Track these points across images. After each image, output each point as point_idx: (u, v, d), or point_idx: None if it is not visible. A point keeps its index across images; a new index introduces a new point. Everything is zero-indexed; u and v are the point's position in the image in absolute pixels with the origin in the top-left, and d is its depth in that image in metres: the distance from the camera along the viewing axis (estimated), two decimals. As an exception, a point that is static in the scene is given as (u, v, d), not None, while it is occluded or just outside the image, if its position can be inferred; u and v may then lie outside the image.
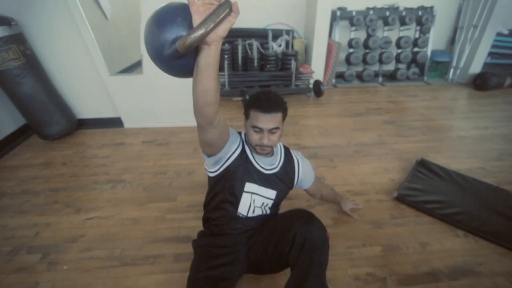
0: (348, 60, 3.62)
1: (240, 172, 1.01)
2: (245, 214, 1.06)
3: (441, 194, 1.67)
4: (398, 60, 3.66)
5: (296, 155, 1.19)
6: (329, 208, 1.59)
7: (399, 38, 3.57)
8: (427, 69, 3.84)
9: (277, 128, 0.97)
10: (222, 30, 0.57)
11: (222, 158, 0.98)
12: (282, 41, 3.25)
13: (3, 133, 2.23)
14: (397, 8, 3.51)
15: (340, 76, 3.78)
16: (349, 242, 1.38)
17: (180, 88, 2.24)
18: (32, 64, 2.16)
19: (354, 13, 3.43)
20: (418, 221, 1.51)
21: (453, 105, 3.09)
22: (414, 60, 3.72)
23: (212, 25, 0.53)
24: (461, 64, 3.76)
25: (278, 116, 0.96)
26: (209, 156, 0.97)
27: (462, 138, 2.37)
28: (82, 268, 1.27)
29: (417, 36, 3.66)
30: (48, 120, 2.27)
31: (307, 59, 3.50)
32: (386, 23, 3.50)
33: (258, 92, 0.99)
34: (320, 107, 3.06)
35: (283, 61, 3.17)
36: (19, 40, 2.08)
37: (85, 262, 1.30)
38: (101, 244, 1.38)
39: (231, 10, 0.54)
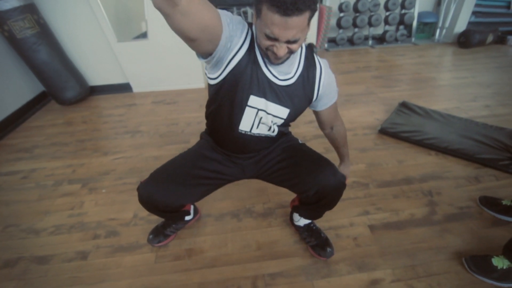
0: (339, 24, 3.78)
1: (246, 79, 0.79)
2: (248, 130, 0.91)
3: (418, 126, 1.93)
4: (386, 22, 3.83)
5: (320, 61, 0.90)
6: (323, 141, 1.84)
7: (387, 0, 3.72)
8: (415, 30, 4.02)
9: (298, 39, 0.69)
10: None
11: (222, 60, 0.76)
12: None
13: (23, 99, 2.44)
14: (384, -29, 3.64)
15: (332, 41, 3.95)
16: (338, 162, 1.64)
17: (183, 51, 2.43)
18: (46, 33, 2.34)
19: (343, -23, 3.57)
20: (397, 147, 1.78)
21: (437, 61, 3.30)
22: (402, 22, 3.89)
23: None
24: (447, 24, 3.93)
25: (302, 19, 0.64)
26: (204, 58, 0.76)
27: (442, 86, 2.61)
28: (118, 190, 1.53)
29: (404, -3, 3.81)
30: (64, 86, 2.48)
31: (299, 25, 3.66)
32: (374, -15, 3.64)
33: None
34: (313, 68, 3.27)
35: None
36: (32, 10, 2.25)
37: (119, 186, 1.56)
38: (130, 175, 1.64)
39: None
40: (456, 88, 2.56)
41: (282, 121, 0.91)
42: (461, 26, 3.85)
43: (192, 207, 1.23)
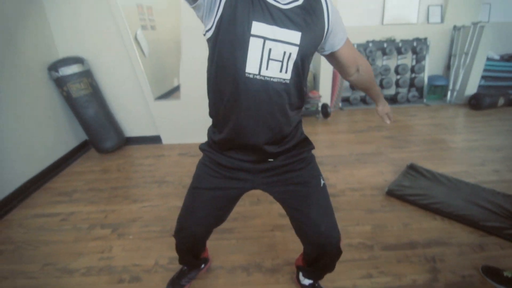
0: (351, 86, 4.10)
1: (245, 7, 0.72)
2: (256, 72, 0.76)
3: (425, 189, 2.02)
4: (397, 85, 4.10)
5: None
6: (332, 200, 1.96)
7: (397, 66, 4.04)
8: (426, 92, 4.24)
9: None
10: None
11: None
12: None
13: (69, 146, 2.80)
14: (393, 41, 4.02)
15: (346, 100, 4.25)
16: (345, 222, 1.75)
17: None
18: (96, 92, 2.77)
19: (355, 46, 3.96)
20: (404, 209, 1.87)
21: (448, 123, 3.44)
22: (412, 85, 4.15)
23: None
24: (457, 87, 4.14)
25: None
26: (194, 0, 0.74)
27: (452, 148, 2.72)
28: (143, 237, 1.71)
29: (413, 63, 4.11)
30: (104, 137, 2.84)
31: (315, 86, 4.01)
32: (384, 53, 3.99)
33: None
34: (327, 126, 3.50)
35: (294, 87, 3.68)
36: (88, 74, 2.71)
37: (144, 233, 1.74)
38: (155, 223, 1.83)
39: None
40: (466, 151, 2.65)
41: (296, 49, 0.77)
42: (471, 89, 4.04)
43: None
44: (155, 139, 3.10)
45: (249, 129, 0.85)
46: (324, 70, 3.78)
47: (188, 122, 2.94)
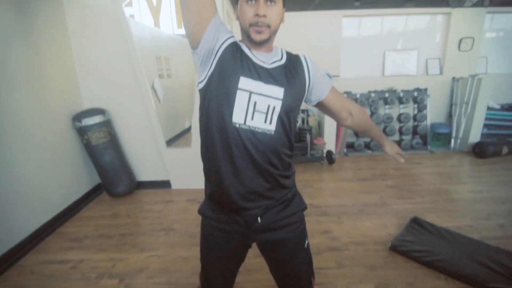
0: (355, 133, 4.24)
1: (235, 65, 0.84)
2: (241, 122, 0.84)
3: (429, 245, 2.03)
4: (401, 132, 4.23)
5: (298, 53, 0.99)
6: (335, 254, 1.99)
7: (400, 115, 4.19)
8: (430, 139, 4.34)
9: (274, 1, 0.83)
10: None
11: (211, 51, 0.85)
12: (298, 118, 3.99)
13: (83, 190, 2.94)
14: (395, 91, 4.23)
15: (350, 146, 4.36)
16: (348, 280, 1.76)
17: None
18: (113, 139, 2.96)
19: (358, 96, 4.18)
20: (407, 266, 1.87)
21: (452, 172, 3.48)
22: (415, 132, 4.26)
23: None
24: (460, 135, 4.23)
25: None
26: (195, 48, 0.85)
27: (456, 200, 2.74)
28: (149, 290, 1.75)
29: (415, 112, 4.27)
30: (117, 182, 2.98)
31: (320, 132, 4.17)
32: (386, 102, 4.18)
33: None
34: (332, 173, 3.58)
35: (300, 134, 3.84)
36: (107, 124, 2.93)
37: (149, 285, 1.78)
38: (161, 274, 1.87)
39: None
40: (470, 203, 2.66)
41: (279, 103, 0.86)
42: (474, 136, 4.12)
43: None
44: (165, 184, 3.22)
45: (237, 176, 0.88)
46: (328, 117, 3.96)
47: (198, 168, 3.06)
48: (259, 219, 0.94)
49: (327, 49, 4.32)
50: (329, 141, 3.96)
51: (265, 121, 0.86)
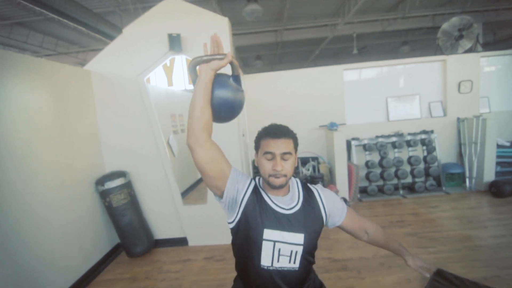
0: (367, 178, 4.26)
1: (257, 217, 0.98)
2: (269, 265, 0.99)
3: (457, 302, 1.95)
4: (413, 175, 4.23)
5: (314, 186, 1.12)
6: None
7: (409, 157, 4.24)
8: (444, 180, 4.31)
9: (290, 153, 0.97)
10: (213, 64, 0.90)
11: (235, 201, 0.99)
12: (309, 166, 4.08)
13: (103, 252, 2.99)
14: (401, 134, 4.33)
15: (364, 191, 4.36)
16: None
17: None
18: (132, 200, 3.08)
19: (366, 141, 4.29)
20: (438, 328, 1.79)
21: (471, 215, 3.40)
22: (428, 174, 4.26)
23: (207, 58, 0.91)
24: (474, 174, 4.20)
25: (289, 141, 0.99)
26: (220, 197, 1.00)
27: (479, 247, 2.66)
28: None
29: (425, 154, 4.31)
30: (136, 242, 3.03)
31: (332, 180, 4.21)
32: (394, 146, 4.26)
33: (266, 126, 1.04)
34: (348, 220, 3.54)
35: (312, 183, 3.90)
36: (128, 186, 3.08)
37: None
38: None
39: (223, 55, 0.91)
40: (494, 250, 2.58)
41: (301, 247, 0.99)
42: (489, 175, 4.09)
43: None
44: (182, 241, 3.24)
45: None
46: (339, 165, 4.04)
47: (214, 225, 3.12)
48: None
49: (331, 98, 4.56)
50: (341, 188, 3.99)
51: (289, 262, 1.01)
